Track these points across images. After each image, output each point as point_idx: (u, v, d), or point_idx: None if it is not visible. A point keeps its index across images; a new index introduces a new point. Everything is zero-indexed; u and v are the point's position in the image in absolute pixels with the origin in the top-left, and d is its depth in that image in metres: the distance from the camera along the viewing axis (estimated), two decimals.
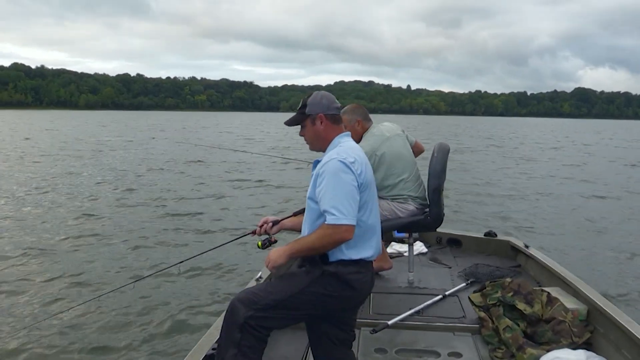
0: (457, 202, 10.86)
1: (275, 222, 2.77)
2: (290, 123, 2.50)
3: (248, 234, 2.94)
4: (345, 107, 3.90)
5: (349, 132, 2.46)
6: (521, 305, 3.06)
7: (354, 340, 2.49)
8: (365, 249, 2.28)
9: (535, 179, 15.65)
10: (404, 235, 4.03)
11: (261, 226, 2.78)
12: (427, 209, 3.84)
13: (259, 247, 2.69)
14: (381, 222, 3.56)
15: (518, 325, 3.01)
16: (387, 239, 4.85)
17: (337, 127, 2.42)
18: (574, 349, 2.78)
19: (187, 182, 13.66)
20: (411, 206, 3.80)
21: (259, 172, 15.73)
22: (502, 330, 2.97)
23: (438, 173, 3.74)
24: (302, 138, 2.47)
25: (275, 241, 2.70)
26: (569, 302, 3.17)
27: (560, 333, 2.92)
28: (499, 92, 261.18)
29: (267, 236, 2.73)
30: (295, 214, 2.84)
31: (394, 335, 3.09)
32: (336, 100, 2.46)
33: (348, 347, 2.45)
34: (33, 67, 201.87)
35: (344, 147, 2.34)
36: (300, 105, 2.44)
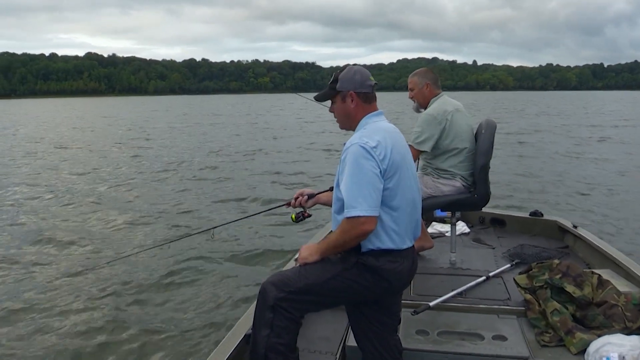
0: (507, 183, 10.45)
1: (310, 196, 2.70)
2: (319, 98, 2.39)
3: (282, 205, 2.88)
4: (417, 70, 3.89)
5: (381, 112, 2.31)
6: (570, 288, 2.90)
7: (399, 324, 2.44)
8: (398, 238, 2.17)
9: (594, 158, 14.66)
10: (446, 214, 3.91)
11: (296, 198, 2.71)
12: (472, 188, 3.70)
13: (292, 220, 2.66)
14: (425, 200, 3.56)
15: (567, 308, 2.86)
16: (428, 218, 4.75)
17: (369, 106, 2.27)
18: (628, 334, 2.62)
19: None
20: (458, 183, 3.69)
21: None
22: (550, 314, 2.84)
23: (486, 150, 3.60)
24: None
25: (309, 215, 2.67)
26: (622, 285, 2.99)
27: (612, 317, 2.74)
28: (572, 65, 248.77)
29: (301, 209, 2.69)
30: (331, 189, 2.71)
31: (436, 316, 3.02)
32: (371, 78, 2.28)
33: (392, 331, 2.38)
34: (105, 55, 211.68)
35: (368, 129, 2.20)
36: (331, 80, 2.30)
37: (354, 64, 2.36)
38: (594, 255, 3.81)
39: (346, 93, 2.25)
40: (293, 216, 2.66)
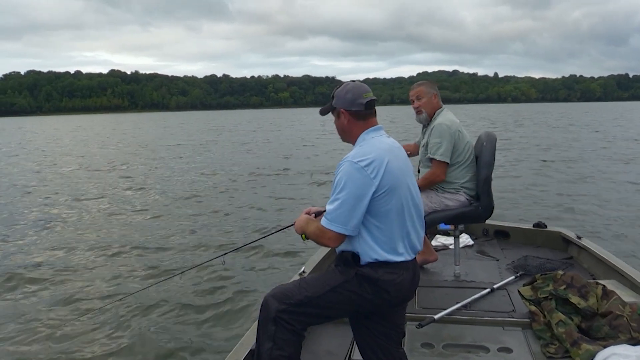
0: (512, 195, 10.28)
1: (318, 213, 2.63)
2: (322, 112, 2.45)
3: (291, 225, 2.83)
4: (421, 81, 3.90)
5: (380, 126, 2.31)
6: (575, 299, 2.89)
7: (403, 337, 2.44)
8: (395, 251, 2.18)
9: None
10: (450, 227, 3.89)
11: None
12: (475, 201, 3.71)
13: (302, 239, 2.68)
14: (430, 214, 3.57)
15: (572, 319, 2.86)
16: (432, 231, 4.75)
17: (363, 122, 2.27)
18: (633, 344, 2.60)
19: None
20: (462, 197, 3.69)
21: None
22: (555, 325, 2.83)
23: (488, 162, 3.60)
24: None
25: None
26: (627, 296, 2.97)
27: (617, 328, 2.73)
28: (596, 76, 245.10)
29: None
30: None
31: (441, 329, 3.01)
32: (364, 95, 2.26)
33: (396, 344, 2.37)
34: (128, 72, 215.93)
35: (364, 146, 2.22)
36: (331, 95, 2.35)
37: (352, 81, 2.39)
38: (598, 266, 3.79)
39: (339, 110, 2.29)
40: (303, 235, 2.68)
